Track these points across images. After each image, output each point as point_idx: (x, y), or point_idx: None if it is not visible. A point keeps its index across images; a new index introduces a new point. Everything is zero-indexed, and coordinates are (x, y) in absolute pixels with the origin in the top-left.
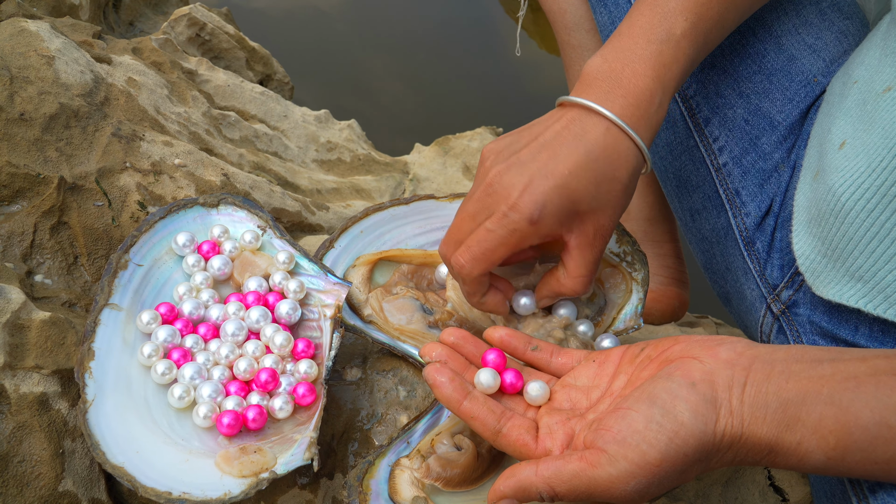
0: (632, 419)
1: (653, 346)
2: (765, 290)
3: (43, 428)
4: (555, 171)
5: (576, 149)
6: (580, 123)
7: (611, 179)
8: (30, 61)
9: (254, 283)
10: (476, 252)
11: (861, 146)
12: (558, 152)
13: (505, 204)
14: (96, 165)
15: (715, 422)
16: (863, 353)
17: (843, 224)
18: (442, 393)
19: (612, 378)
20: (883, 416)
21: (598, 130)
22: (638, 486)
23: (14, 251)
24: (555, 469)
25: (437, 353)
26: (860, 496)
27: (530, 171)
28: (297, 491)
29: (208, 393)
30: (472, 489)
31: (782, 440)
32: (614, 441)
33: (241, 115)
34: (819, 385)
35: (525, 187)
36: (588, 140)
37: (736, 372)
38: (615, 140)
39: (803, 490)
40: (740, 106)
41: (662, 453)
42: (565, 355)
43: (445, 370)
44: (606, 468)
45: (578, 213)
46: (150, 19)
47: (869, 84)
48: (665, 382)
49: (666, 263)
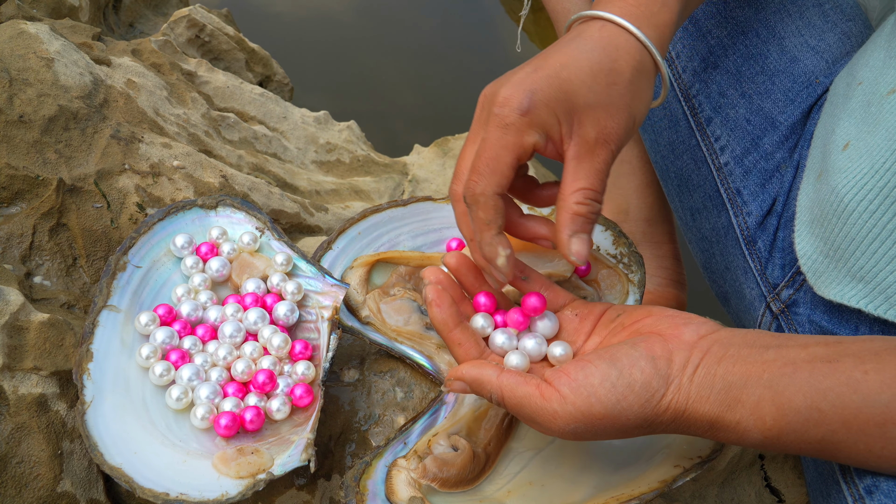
0: (589, 372)
1: (628, 313)
2: (765, 289)
3: (41, 429)
4: (544, 64)
5: (569, 46)
6: (576, 29)
7: (608, 70)
8: (29, 63)
9: (252, 284)
10: (481, 167)
11: (865, 147)
12: (549, 53)
13: (494, 104)
14: (95, 167)
15: (662, 396)
16: (805, 341)
17: (845, 225)
18: (437, 315)
19: (588, 336)
20: (814, 400)
21: (592, 30)
22: (575, 429)
23: (13, 253)
24: (512, 383)
25: (438, 277)
26: (855, 496)
27: (520, 74)
28: (295, 492)
29: (206, 394)
30: (468, 489)
31: (723, 418)
32: (568, 385)
33: (240, 117)
34: (761, 369)
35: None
36: (582, 38)
37: (693, 354)
38: (611, 34)
39: (799, 491)
40: (742, 106)
41: (607, 410)
42: (552, 292)
43: (445, 295)
44: (553, 404)
45: (576, 110)
46: (149, 21)
47: (873, 86)
48: (628, 349)
49: (664, 265)
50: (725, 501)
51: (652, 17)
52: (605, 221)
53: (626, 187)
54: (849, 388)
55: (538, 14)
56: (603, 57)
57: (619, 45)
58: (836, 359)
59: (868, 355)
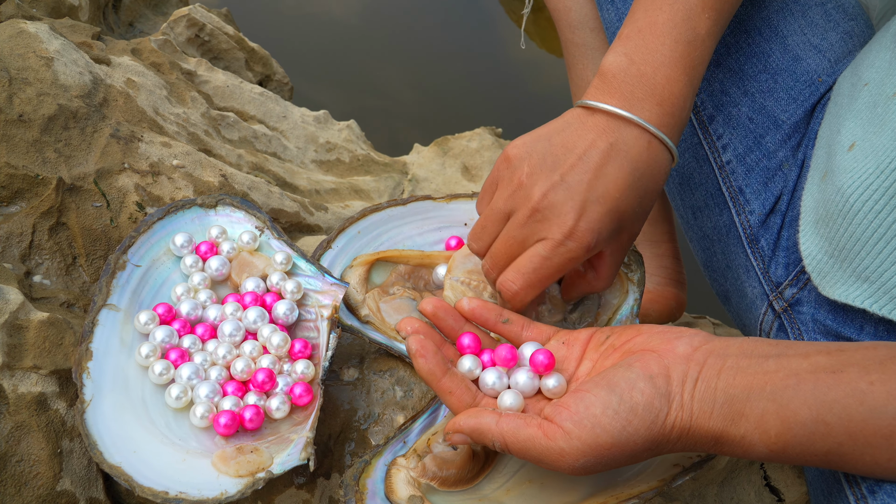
0: (589, 402)
1: (617, 333)
2: (767, 288)
3: (41, 428)
4: (606, 195)
5: (622, 168)
6: (619, 136)
7: (652, 192)
8: (29, 63)
9: (251, 283)
10: (532, 279)
11: (870, 148)
12: (606, 171)
13: (559, 231)
14: (95, 166)
15: (666, 415)
16: (806, 349)
17: (850, 225)
18: (424, 366)
19: (579, 362)
20: (819, 413)
21: (640, 145)
22: (585, 464)
23: (13, 252)
24: (514, 427)
25: (415, 327)
26: (858, 496)
27: (581, 195)
28: (294, 490)
29: (205, 393)
30: (467, 488)
31: (727, 433)
32: (571, 420)
33: (240, 116)
34: (763, 381)
35: (580, 214)
36: (632, 157)
37: (690, 367)
38: (657, 154)
39: (799, 490)
40: (745, 104)
41: (614, 438)
42: (535, 330)
43: (429, 344)
44: (559, 442)
45: (623, 230)
46: (149, 20)
47: (879, 87)
48: (625, 372)
49: (664, 264)
50: (725, 500)
51: (682, 124)
52: None
53: None
54: (854, 399)
55: (538, 14)
56: (649, 182)
57: (661, 166)
58: (840, 369)
59: (873, 365)
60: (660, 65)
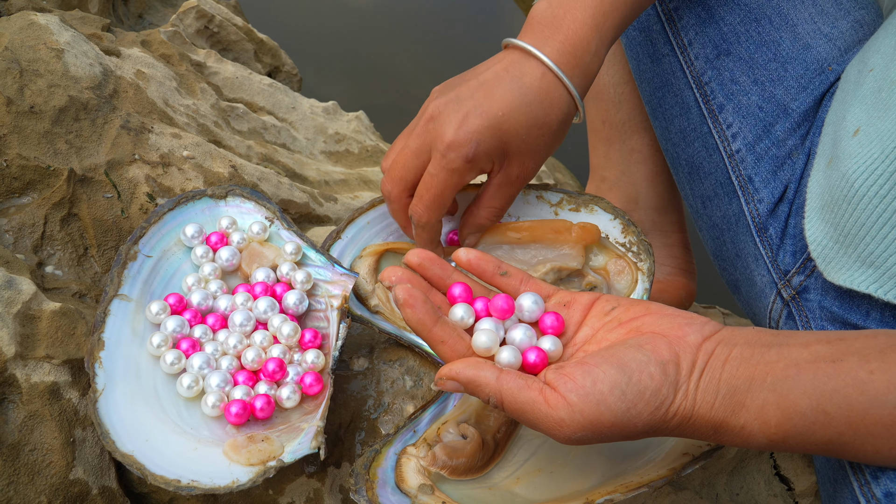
0: (597, 378)
1: (624, 307)
2: (776, 276)
3: (54, 417)
4: (489, 110)
5: (511, 90)
6: (518, 66)
7: (542, 125)
8: (39, 54)
9: (261, 273)
10: (428, 200)
11: (875, 133)
12: (494, 92)
13: (441, 143)
14: (105, 158)
15: (671, 403)
16: (807, 338)
17: (855, 210)
18: (412, 316)
19: (578, 327)
20: (819, 403)
21: (534, 74)
22: (581, 437)
23: (25, 243)
24: (514, 387)
25: (399, 276)
26: (861, 481)
27: (466, 108)
28: (305, 479)
29: (216, 382)
30: (477, 477)
31: (727, 423)
32: (576, 392)
33: (249, 107)
34: (764, 371)
35: (460, 124)
36: (524, 83)
37: (699, 357)
38: (549, 85)
39: (809, 479)
40: (755, 93)
41: (616, 418)
42: (534, 286)
43: (416, 292)
44: (560, 412)
45: (508, 154)
46: (158, 12)
47: (884, 72)
48: (636, 353)
49: (673, 253)
50: (735, 490)
51: (584, 68)
52: (615, 210)
53: (636, 176)
54: (855, 389)
55: None
56: (539, 111)
57: (554, 99)
58: (839, 358)
59: (873, 353)
60: (570, 7)
